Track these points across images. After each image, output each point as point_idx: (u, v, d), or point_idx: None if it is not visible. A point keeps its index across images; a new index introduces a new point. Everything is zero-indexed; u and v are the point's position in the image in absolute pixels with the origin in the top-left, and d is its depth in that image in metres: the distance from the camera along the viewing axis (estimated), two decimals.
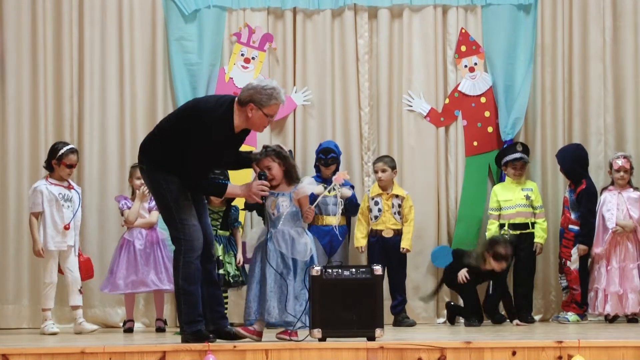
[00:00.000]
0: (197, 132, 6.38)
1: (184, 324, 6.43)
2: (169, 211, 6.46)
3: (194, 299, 6.48)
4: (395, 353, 6.02)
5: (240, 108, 6.49)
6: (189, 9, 9.64)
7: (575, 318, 9.13)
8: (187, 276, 6.45)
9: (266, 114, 6.49)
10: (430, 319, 9.61)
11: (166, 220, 6.54)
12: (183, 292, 6.45)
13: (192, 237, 6.45)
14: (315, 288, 6.44)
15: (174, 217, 6.45)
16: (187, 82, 9.59)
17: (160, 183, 6.46)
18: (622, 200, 9.21)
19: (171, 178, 6.46)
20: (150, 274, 8.69)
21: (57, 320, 9.32)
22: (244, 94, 6.49)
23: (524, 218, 9.38)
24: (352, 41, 9.79)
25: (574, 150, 9.41)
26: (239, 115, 6.50)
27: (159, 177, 6.47)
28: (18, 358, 5.91)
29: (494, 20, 9.86)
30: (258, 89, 6.46)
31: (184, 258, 6.44)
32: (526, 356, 6.01)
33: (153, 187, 6.57)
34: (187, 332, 6.41)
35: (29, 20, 9.56)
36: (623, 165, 9.23)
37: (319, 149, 9.28)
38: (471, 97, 9.84)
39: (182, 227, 6.43)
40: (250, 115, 6.47)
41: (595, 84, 9.82)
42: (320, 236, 9.08)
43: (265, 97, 6.45)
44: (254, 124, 6.54)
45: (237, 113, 6.50)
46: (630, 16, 9.85)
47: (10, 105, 9.52)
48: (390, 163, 9.27)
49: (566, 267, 9.21)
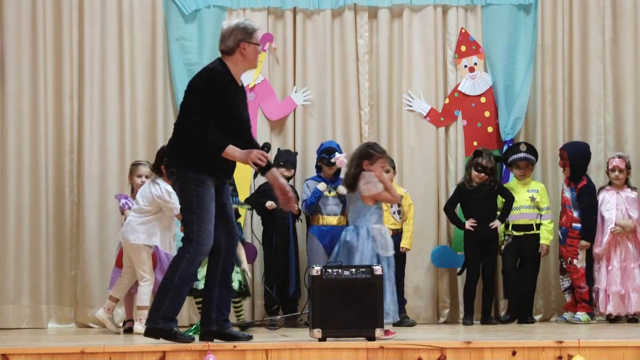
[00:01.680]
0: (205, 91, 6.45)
1: (160, 318, 6.41)
2: (190, 213, 6.47)
3: (182, 299, 6.50)
4: (395, 353, 6.02)
5: (231, 57, 6.57)
6: (189, 9, 9.64)
7: (586, 318, 9.10)
8: (185, 275, 6.44)
9: (256, 44, 6.59)
10: (430, 318, 9.62)
11: (185, 220, 6.56)
12: (175, 289, 6.42)
13: (203, 242, 6.45)
14: (315, 288, 6.44)
15: (193, 219, 6.45)
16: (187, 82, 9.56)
17: (189, 183, 6.47)
18: (620, 200, 9.21)
19: (200, 177, 6.46)
20: (154, 274, 8.70)
21: (57, 320, 9.37)
22: (229, 41, 6.55)
23: (528, 219, 9.36)
24: (352, 41, 9.79)
25: (585, 148, 9.40)
26: (234, 65, 6.58)
27: (188, 178, 6.47)
28: (18, 358, 5.91)
29: (494, 20, 9.86)
30: (237, 28, 6.54)
31: (189, 258, 6.43)
32: (526, 356, 6.01)
33: (181, 188, 6.57)
34: (160, 326, 6.38)
35: (29, 20, 9.56)
36: (617, 165, 9.23)
37: (322, 149, 9.27)
38: (471, 97, 9.84)
39: (197, 230, 6.43)
40: (245, 53, 6.55)
41: (595, 84, 9.82)
42: (321, 236, 9.09)
43: (248, 30, 6.55)
44: (251, 60, 6.62)
45: (231, 63, 6.58)
46: (630, 16, 9.86)
47: (10, 105, 9.52)
48: (390, 163, 9.27)
49: (572, 265, 9.19)
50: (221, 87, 6.48)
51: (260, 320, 9.15)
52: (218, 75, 6.52)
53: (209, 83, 6.49)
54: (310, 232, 9.19)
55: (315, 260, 8.92)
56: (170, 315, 6.41)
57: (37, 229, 9.38)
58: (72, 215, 9.51)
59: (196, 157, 6.46)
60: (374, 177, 7.12)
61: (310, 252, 9.14)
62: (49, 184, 9.45)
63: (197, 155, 6.45)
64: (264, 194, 9.18)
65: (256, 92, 9.67)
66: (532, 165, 9.49)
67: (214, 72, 6.54)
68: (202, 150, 6.44)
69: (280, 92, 9.74)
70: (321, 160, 9.26)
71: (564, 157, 9.30)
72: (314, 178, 9.28)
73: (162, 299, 6.44)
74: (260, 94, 9.68)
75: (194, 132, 6.42)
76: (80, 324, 9.44)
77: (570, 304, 9.29)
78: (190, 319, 9.21)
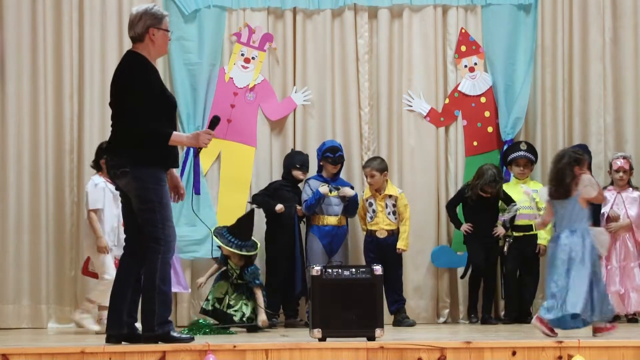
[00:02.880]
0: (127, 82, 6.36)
1: (156, 325, 6.34)
2: (153, 212, 6.33)
3: (169, 299, 6.42)
4: (395, 353, 6.02)
5: (141, 44, 6.48)
6: (189, 9, 9.64)
7: None
8: (164, 276, 6.37)
9: (166, 30, 6.51)
10: (430, 318, 9.62)
11: (148, 220, 6.36)
12: (159, 292, 6.34)
13: (170, 238, 6.39)
14: (315, 288, 6.44)
15: (157, 217, 6.33)
16: (187, 82, 9.59)
17: (147, 182, 6.34)
18: (620, 200, 9.22)
19: (158, 174, 6.36)
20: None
21: (57, 320, 9.37)
22: (137, 27, 6.46)
23: (527, 220, 9.35)
24: (352, 41, 9.79)
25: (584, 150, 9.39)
26: (145, 50, 6.48)
27: (145, 176, 6.32)
28: (18, 358, 5.91)
29: (494, 20, 9.86)
30: (145, 14, 6.46)
31: (162, 258, 6.36)
32: (526, 356, 6.01)
33: (139, 188, 6.36)
34: (159, 333, 6.31)
35: (29, 20, 9.56)
36: (622, 165, 9.24)
37: (325, 148, 9.24)
38: (471, 97, 9.84)
39: (162, 227, 6.33)
40: (154, 39, 6.46)
41: (595, 84, 9.82)
42: (321, 236, 9.09)
43: (157, 16, 6.48)
44: (161, 46, 6.52)
45: (142, 50, 6.48)
46: (630, 16, 9.86)
47: (10, 105, 9.51)
48: (379, 166, 9.17)
49: None
50: (142, 70, 6.38)
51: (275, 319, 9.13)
52: (135, 61, 6.41)
53: (130, 70, 6.39)
54: (311, 232, 9.19)
55: (315, 260, 8.92)
56: (164, 318, 6.36)
57: (37, 229, 9.38)
58: (72, 215, 9.50)
59: (147, 151, 6.31)
60: (592, 179, 7.14)
61: (310, 253, 9.13)
62: (49, 184, 9.44)
63: (146, 148, 6.31)
64: (273, 193, 9.17)
65: (256, 92, 9.67)
66: (532, 165, 9.49)
67: (130, 59, 6.44)
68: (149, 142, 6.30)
69: (280, 92, 9.73)
70: (325, 159, 9.25)
71: None
72: (316, 177, 9.27)
73: (151, 306, 6.34)
74: (260, 94, 9.68)
75: (135, 126, 6.29)
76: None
77: None
78: (190, 318, 9.20)
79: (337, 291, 6.41)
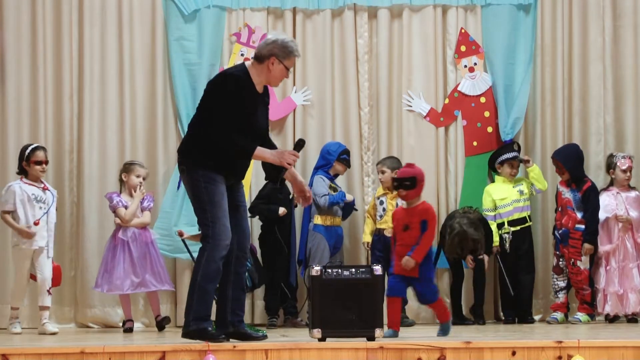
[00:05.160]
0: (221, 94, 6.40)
1: (191, 320, 6.40)
2: (203, 210, 6.43)
3: (209, 297, 6.45)
4: (395, 353, 6.02)
5: (258, 65, 6.52)
6: (188, 9, 9.65)
7: (586, 318, 9.12)
8: (207, 274, 6.41)
9: (287, 67, 6.54)
10: (430, 319, 9.61)
11: (199, 219, 6.51)
12: (199, 288, 6.41)
13: (220, 237, 6.40)
14: (315, 288, 6.43)
15: (207, 215, 6.41)
16: (187, 82, 9.60)
17: (199, 181, 6.43)
18: (620, 200, 9.22)
19: (211, 175, 6.43)
20: (146, 274, 8.72)
21: (57, 319, 9.35)
22: (264, 49, 6.51)
23: (520, 212, 9.41)
24: (352, 41, 9.79)
25: (576, 150, 9.41)
26: (257, 73, 6.52)
27: (198, 176, 6.43)
28: (18, 358, 5.91)
29: (494, 20, 9.86)
30: (278, 42, 6.50)
31: (207, 255, 6.40)
32: (526, 356, 6.00)
33: (191, 186, 6.50)
34: (193, 327, 6.36)
35: (29, 20, 9.57)
36: (630, 165, 9.26)
37: (342, 150, 9.28)
38: (471, 97, 9.85)
39: (212, 226, 6.38)
40: (272, 69, 6.51)
41: (595, 84, 9.83)
42: (328, 236, 9.11)
43: (287, 50, 6.51)
44: (274, 78, 6.57)
45: (255, 71, 6.52)
46: (630, 16, 9.86)
47: (10, 105, 9.53)
48: (391, 164, 9.26)
49: (575, 267, 9.18)
50: (237, 93, 6.42)
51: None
52: (238, 81, 6.45)
53: (225, 88, 6.43)
54: (316, 230, 9.16)
55: (319, 258, 8.93)
56: (200, 314, 6.39)
57: None
58: (72, 215, 9.51)
59: (211, 157, 6.41)
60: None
61: (317, 251, 9.10)
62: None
63: (213, 154, 6.41)
64: (267, 198, 9.17)
65: None
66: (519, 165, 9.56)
67: (233, 77, 6.47)
68: (223, 151, 6.40)
69: (280, 92, 9.73)
70: (340, 161, 9.25)
71: (559, 166, 9.35)
72: (323, 174, 9.24)
73: (191, 301, 6.43)
74: None
75: (217, 133, 6.37)
76: (80, 324, 9.44)
77: (561, 305, 9.27)
78: None
79: (337, 291, 6.41)
